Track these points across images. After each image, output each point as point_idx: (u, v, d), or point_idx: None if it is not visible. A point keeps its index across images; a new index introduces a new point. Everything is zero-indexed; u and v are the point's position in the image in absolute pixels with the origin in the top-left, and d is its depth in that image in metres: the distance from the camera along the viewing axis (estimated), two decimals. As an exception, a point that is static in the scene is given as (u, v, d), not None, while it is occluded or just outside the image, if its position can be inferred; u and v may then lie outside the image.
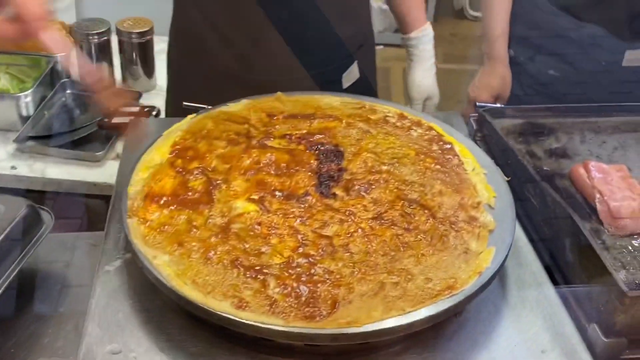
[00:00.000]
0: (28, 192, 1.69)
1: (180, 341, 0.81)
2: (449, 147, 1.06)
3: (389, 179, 0.98)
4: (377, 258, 0.84)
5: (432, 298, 0.78)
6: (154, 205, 0.90)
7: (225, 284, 0.79)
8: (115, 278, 0.90)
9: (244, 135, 1.06)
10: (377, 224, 0.89)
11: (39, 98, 1.80)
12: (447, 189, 0.96)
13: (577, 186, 1.08)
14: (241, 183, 0.95)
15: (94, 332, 0.81)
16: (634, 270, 0.93)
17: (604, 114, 1.26)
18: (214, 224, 0.88)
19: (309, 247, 0.85)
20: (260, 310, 0.76)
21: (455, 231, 0.89)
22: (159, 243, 0.85)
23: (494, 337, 0.85)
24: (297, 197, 0.93)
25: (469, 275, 0.82)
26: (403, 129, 1.11)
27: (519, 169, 1.06)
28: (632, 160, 1.15)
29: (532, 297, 0.90)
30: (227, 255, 0.83)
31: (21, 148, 1.72)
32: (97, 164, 1.71)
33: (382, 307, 0.77)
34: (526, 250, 0.98)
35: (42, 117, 1.79)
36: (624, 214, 0.98)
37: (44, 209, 1.19)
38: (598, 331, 0.84)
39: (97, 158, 1.72)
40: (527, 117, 1.25)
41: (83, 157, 1.72)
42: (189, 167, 0.98)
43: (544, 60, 1.60)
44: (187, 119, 1.10)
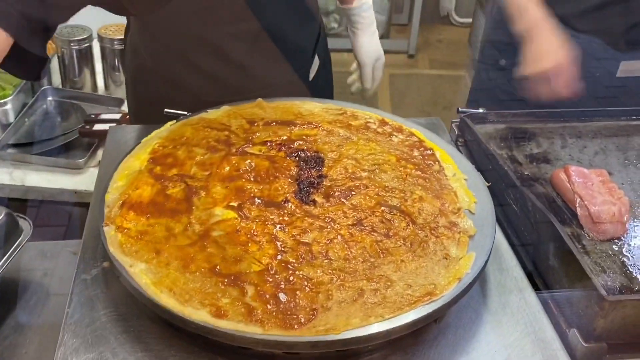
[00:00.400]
0: (9, 200, 1.68)
1: (158, 351, 0.80)
2: (430, 152, 1.06)
3: (369, 185, 0.98)
4: (356, 265, 0.84)
5: (411, 304, 0.78)
6: (131, 213, 0.90)
7: (203, 292, 0.79)
8: (92, 287, 0.89)
9: (224, 142, 1.05)
10: (357, 230, 0.89)
11: (19, 105, 1.80)
12: (427, 195, 0.96)
13: (558, 191, 1.08)
14: (220, 190, 0.94)
15: (70, 342, 0.81)
16: (614, 274, 0.93)
17: (585, 119, 1.27)
18: (193, 232, 0.88)
19: (287, 254, 0.85)
20: (238, 318, 0.76)
21: (435, 237, 0.89)
22: (136, 251, 0.84)
23: (475, 343, 0.84)
24: (277, 204, 0.93)
25: (448, 281, 0.82)
26: (384, 135, 1.11)
27: (500, 174, 1.07)
28: (612, 165, 1.16)
29: (513, 302, 0.90)
30: (205, 263, 0.83)
31: (1, 156, 1.70)
32: (79, 172, 1.70)
33: (361, 314, 0.77)
34: (507, 255, 0.98)
35: (22, 125, 1.78)
36: (604, 219, 0.98)
37: (23, 217, 1.18)
38: (578, 336, 0.84)
39: (78, 165, 1.70)
40: (509, 122, 1.25)
41: (64, 165, 1.71)
42: (168, 174, 0.97)
43: None
44: (167, 125, 1.10)
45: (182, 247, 0.85)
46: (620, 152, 1.21)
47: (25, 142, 1.74)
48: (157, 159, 1.01)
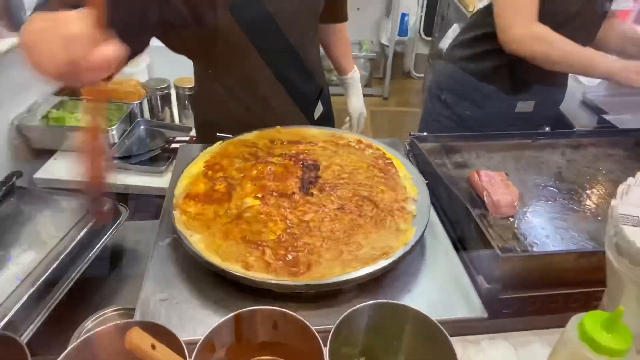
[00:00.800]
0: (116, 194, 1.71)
1: (207, 291, 0.83)
2: (390, 161, 1.07)
3: (349, 182, 0.99)
4: (338, 235, 0.86)
5: (374, 260, 0.80)
6: (191, 201, 0.91)
7: (237, 253, 0.81)
8: (166, 250, 0.91)
9: (253, 155, 1.06)
10: (340, 212, 0.91)
11: (121, 131, 1.83)
12: (386, 189, 0.98)
13: (472, 186, 1.09)
14: (250, 186, 0.96)
15: (150, 287, 0.83)
16: (508, 241, 0.95)
17: (491, 138, 1.28)
18: (231, 214, 0.89)
19: (293, 228, 0.86)
20: (260, 270, 0.78)
21: (391, 216, 0.90)
22: (194, 227, 0.86)
23: (416, 285, 0.86)
24: (287, 195, 0.94)
25: (398, 245, 0.83)
26: (360, 150, 1.13)
27: (435, 175, 1.08)
28: (509, 169, 1.17)
29: (441, 259, 0.92)
30: (238, 234, 0.84)
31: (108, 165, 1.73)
32: (160, 175, 1.72)
33: (341, 267, 0.79)
34: (438, 228, 1.00)
35: (123, 144, 1.81)
36: (502, 204, 1.00)
37: (122, 205, 1.21)
38: (483, 280, 0.85)
39: (160, 171, 1.73)
40: (442, 141, 1.26)
41: (151, 171, 1.74)
42: (216, 176, 0.99)
43: (464, 105, 1.59)
44: (217, 144, 1.11)
45: (224, 224, 0.87)
46: (515, 161, 1.22)
47: (125, 155, 1.77)
48: (209, 166, 1.02)
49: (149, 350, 0.50)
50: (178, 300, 0.81)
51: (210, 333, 0.63)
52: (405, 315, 0.68)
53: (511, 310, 0.87)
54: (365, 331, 0.70)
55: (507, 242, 0.94)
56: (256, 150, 1.09)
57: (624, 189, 0.62)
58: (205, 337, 0.62)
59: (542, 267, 0.85)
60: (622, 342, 0.54)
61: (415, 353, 0.71)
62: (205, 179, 0.98)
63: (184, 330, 0.76)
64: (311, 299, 0.81)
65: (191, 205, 0.90)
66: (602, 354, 0.54)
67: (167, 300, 0.80)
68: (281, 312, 0.66)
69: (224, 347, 0.67)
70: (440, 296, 0.83)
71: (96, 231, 1.10)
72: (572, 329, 0.57)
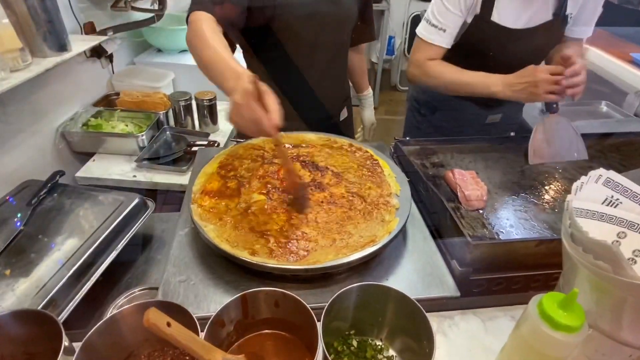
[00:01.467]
0: (146, 190, 1.69)
1: (220, 273, 0.81)
2: (376, 162, 1.06)
3: (341, 180, 0.97)
4: (332, 225, 0.84)
5: (362, 247, 0.79)
6: (206, 197, 0.90)
7: (245, 241, 0.79)
8: (185, 238, 0.90)
9: (260, 157, 1.05)
10: (333, 205, 0.89)
11: (150, 136, 1.80)
12: (373, 186, 0.96)
13: (447, 183, 1.07)
14: (257, 184, 0.94)
15: (171, 270, 0.81)
16: (477, 230, 0.93)
17: (464, 142, 1.26)
18: (240, 207, 0.88)
19: (294, 220, 0.85)
20: (264, 256, 0.76)
21: (377, 209, 0.89)
22: (208, 218, 0.84)
23: (399, 268, 0.85)
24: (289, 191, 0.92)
25: (383, 234, 0.82)
26: (351, 152, 1.11)
27: (415, 174, 1.06)
28: (478, 168, 1.15)
29: (420, 246, 0.90)
30: (247, 225, 0.83)
31: (139, 165, 1.71)
32: (183, 174, 1.70)
33: (334, 253, 0.77)
34: (418, 220, 0.98)
35: (152, 147, 1.79)
36: (473, 198, 0.98)
37: (150, 199, 1.19)
38: (456, 264, 0.84)
39: (183, 170, 1.71)
40: (422, 144, 1.24)
41: (175, 170, 1.72)
42: (228, 175, 0.97)
43: (441, 117, 1.53)
44: (229, 147, 1.09)
45: (234, 216, 0.85)
46: (484, 161, 1.19)
47: (153, 157, 1.75)
48: (222, 166, 1.00)
49: (164, 327, 0.48)
50: (195, 281, 0.79)
51: (220, 311, 0.61)
52: (388, 294, 0.66)
53: (480, 289, 0.86)
54: (353, 308, 0.69)
55: (477, 231, 0.92)
56: (263, 152, 1.07)
57: (577, 186, 0.60)
58: (216, 314, 0.60)
59: (507, 253, 0.83)
60: (577, 320, 0.52)
61: (397, 327, 0.69)
62: (219, 177, 0.97)
63: (199, 307, 0.74)
64: (308, 280, 0.80)
65: (206, 200, 0.89)
66: (558, 330, 0.53)
67: (185, 282, 0.79)
68: (281, 293, 0.64)
69: (232, 323, 0.65)
70: (419, 277, 0.82)
71: (127, 221, 1.08)
72: (532, 308, 0.56)
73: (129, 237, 1.07)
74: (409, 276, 0.82)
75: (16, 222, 1.05)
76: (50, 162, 1.67)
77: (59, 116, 1.74)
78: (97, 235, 1.02)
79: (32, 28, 1.38)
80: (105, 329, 0.58)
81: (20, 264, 0.94)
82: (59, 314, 0.87)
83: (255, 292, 0.64)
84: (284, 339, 0.69)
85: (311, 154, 1.07)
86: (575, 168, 1.18)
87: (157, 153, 1.76)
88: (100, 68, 2.01)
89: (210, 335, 0.59)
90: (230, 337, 0.66)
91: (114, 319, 0.59)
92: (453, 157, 1.21)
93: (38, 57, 1.42)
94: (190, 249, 0.86)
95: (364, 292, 0.67)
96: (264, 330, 0.69)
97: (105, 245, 1.02)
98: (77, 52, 1.52)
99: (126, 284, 1.08)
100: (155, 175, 1.68)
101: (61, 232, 1.04)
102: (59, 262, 0.95)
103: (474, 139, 1.26)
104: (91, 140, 1.75)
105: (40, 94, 1.58)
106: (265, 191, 0.92)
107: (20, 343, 0.62)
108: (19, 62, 1.32)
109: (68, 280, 0.91)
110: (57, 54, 1.46)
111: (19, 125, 1.51)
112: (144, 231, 1.23)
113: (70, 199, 1.15)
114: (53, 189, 1.18)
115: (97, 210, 1.11)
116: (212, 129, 2.04)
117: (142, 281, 1.09)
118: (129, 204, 1.11)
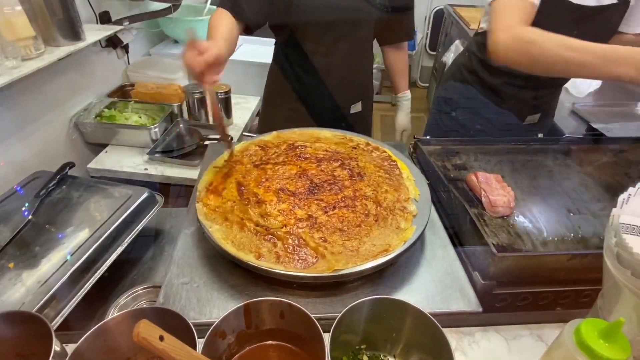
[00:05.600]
0: (159, 184, 1.67)
1: (225, 277, 0.77)
2: (394, 163, 1.00)
3: (356, 181, 0.91)
4: (343, 231, 0.79)
5: (374, 256, 0.73)
6: (211, 195, 0.86)
7: (251, 244, 0.75)
8: (190, 238, 0.86)
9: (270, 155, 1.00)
10: (345, 210, 0.84)
11: (163, 129, 1.78)
12: (390, 189, 0.90)
13: (470, 187, 1.01)
14: (265, 184, 0.89)
15: (174, 271, 0.78)
16: (502, 239, 0.86)
17: (489, 143, 1.18)
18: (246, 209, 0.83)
19: (302, 223, 0.80)
20: (271, 260, 0.72)
21: (392, 215, 0.83)
22: (214, 218, 0.80)
23: (415, 278, 0.79)
24: (297, 193, 0.87)
25: (398, 243, 0.76)
26: (367, 152, 1.05)
27: (435, 176, 1.00)
28: (505, 172, 1.08)
29: (439, 254, 0.84)
30: (253, 226, 0.78)
31: (151, 158, 1.68)
32: (195, 168, 1.67)
33: (344, 261, 0.72)
34: (438, 225, 0.92)
35: (164, 140, 1.76)
36: (498, 204, 0.91)
37: (158, 194, 1.16)
38: (479, 276, 0.78)
39: (195, 164, 1.68)
40: (443, 144, 1.18)
41: (187, 164, 1.69)
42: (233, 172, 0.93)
43: (477, 120, 1.38)
44: (240, 143, 1.05)
45: (240, 217, 0.81)
46: (510, 164, 1.12)
47: (166, 150, 1.72)
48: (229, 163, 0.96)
49: (156, 342, 0.44)
50: (198, 284, 0.75)
51: (220, 321, 0.57)
52: (404, 310, 0.61)
53: (503, 304, 0.79)
54: (365, 322, 0.63)
55: (502, 240, 0.85)
56: (274, 151, 1.02)
57: (624, 198, 0.53)
58: (215, 325, 0.56)
59: (536, 266, 0.76)
60: (620, 353, 0.46)
61: (412, 344, 0.64)
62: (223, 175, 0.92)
63: (201, 313, 0.70)
64: (317, 288, 0.75)
65: (211, 199, 0.84)
66: (598, 362, 0.46)
67: (188, 284, 0.75)
68: (287, 304, 0.59)
69: (234, 333, 0.61)
70: (438, 289, 0.76)
71: (135, 215, 1.06)
72: (568, 334, 0.49)
73: (135, 232, 1.04)
74: (426, 287, 0.76)
75: (24, 213, 1.04)
76: (63, 153, 1.66)
77: (73, 106, 1.73)
78: (104, 230, 0.99)
79: (45, 16, 1.36)
80: (97, 335, 0.54)
81: (24, 257, 0.92)
82: (59, 311, 0.84)
83: (259, 301, 0.59)
84: (289, 351, 0.64)
85: (325, 153, 1.02)
86: (610, 174, 1.09)
87: (170, 146, 1.73)
88: (116, 58, 1.99)
89: (210, 347, 0.55)
90: (231, 348, 0.61)
91: (107, 326, 0.55)
92: (477, 158, 1.13)
93: (51, 45, 1.40)
94: (195, 249, 0.83)
95: (377, 306, 0.61)
96: (268, 342, 0.64)
97: (112, 240, 1.00)
98: (91, 42, 1.50)
99: (131, 281, 1.06)
100: (167, 169, 1.65)
101: (67, 225, 1.02)
102: (63, 257, 0.93)
103: (500, 140, 1.18)
104: (104, 131, 1.73)
105: (54, 83, 1.57)
106: (274, 192, 0.87)
107: (12, 344, 0.59)
108: (32, 51, 1.30)
109: (71, 275, 0.89)
110: (71, 43, 1.44)
111: (32, 114, 1.50)
112: (154, 226, 1.20)
113: (78, 192, 1.12)
114: (62, 181, 1.16)
115: (105, 203, 1.08)
116: (226, 122, 2.00)
117: (148, 278, 1.06)
118: (137, 198, 1.08)
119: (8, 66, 1.23)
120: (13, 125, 1.42)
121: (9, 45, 1.24)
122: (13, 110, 1.41)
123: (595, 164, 1.14)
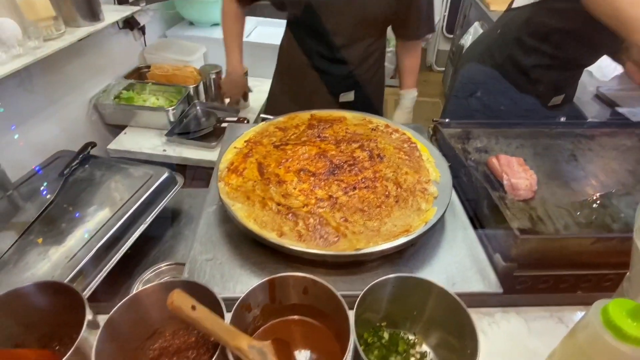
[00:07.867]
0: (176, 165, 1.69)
1: (247, 254, 0.79)
2: (414, 145, 0.99)
3: (376, 163, 0.91)
4: (364, 211, 0.79)
5: (395, 236, 0.74)
6: (233, 175, 0.87)
7: (273, 222, 0.76)
8: (212, 216, 0.87)
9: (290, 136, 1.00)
10: (365, 191, 0.84)
11: (180, 111, 1.79)
12: (410, 171, 0.90)
13: (491, 170, 0.99)
14: (286, 164, 0.90)
15: (198, 248, 0.79)
16: (524, 222, 0.86)
17: (510, 126, 1.16)
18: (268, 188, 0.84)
19: (323, 203, 0.80)
20: (293, 238, 0.73)
21: (413, 197, 0.83)
22: (236, 197, 0.81)
23: (435, 259, 0.80)
24: (318, 173, 0.88)
25: (419, 224, 0.76)
26: (387, 134, 1.05)
27: (456, 159, 0.99)
28: (527, 155, 1.06)
29: (460, 236, 0.85)
30: (275, 205, 0.79)
31: (169, 139, 1.71)
32: (212, 149, 1.69)
33: (365, 241, 0.73)
34: (458, 208, 0.92)
35: (182, 122, 1.78)
36: (520, 187, 0.90)
37: (179, 174, 1.17)
38: (500, 258, 0.78)
39: (212, 146, 1.70)
40: (463, 127, 1.16)
41: (204, 146, 1.71)
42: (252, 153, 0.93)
43: (500, 101, 1.36)
44: (259, 125, 1.05)
45: (262, 196, 0.82)
46: (532, 148, 1.10)
47: (183, 132, 1.74)
48: (249, 144, 0.97)
49: (189, 311, 0.45)
50: (221, 260, 0.77)
51: (246, 295, 0.58)
52: (428, 289, 0.61)
53: (523, 286, 0.79)
54: (387, 300, 0.64)
55: (523, 223, 0.85)
56: (293, 132, 1.02)
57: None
58: (242, 298, 0.57)
59: (559, 249, 0.76)
60: (649, 332, 0.46)
61: (434, 322, 0.65)
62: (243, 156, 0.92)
63: (225, 288, 0.72)
64: (338, 266, 0.76)
65: (233, 178, 0.85)
66: (626, 341, 0.46)
67: (212, 260, 0.77)
68: (311, 280, 0.60)
69: (259, 307, 0.62)
70: (458, 270, 0.76)
71: (156, 195, 1.07)
72: (595, 314, 0.49)
73: (157, 211, 1.06)
74: (446, 268, 0.77)
75: (48, 191, 1.06)
76: (83, 134, 1.69)
77: (92, 88, 1.75)
78: (126, 208, 1.01)
79: (65, -4, 1.37)
80: (129, 305, 0.56)
81: (52, 234, 0.95)
82: (87, 285, 0.87)
83: (284, 277, 0.61)
84: (312, 327, 0.65)
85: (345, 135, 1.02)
86: (636, 159, 1.07)
87: (187, 128, 1.75)
88: (133, 40, 2.00)
89: (237, 319, 0.57)
90: (256, 322, 0.63)
91: (139, 297, 0.57)
92: (498, 141, 1.12)
93: (71, 26, 1.41)
94: (217, 227, 0.84)
95: (400, 284, 0.62)
96: (291, 316, 0.66)
97: (134, 219, 1.01)
98: (109, 22, 1.51)
99: (153, 259, 1.08)
100: (184, 150, 1.68)
101: (91, 203, 1.04)
102: (88, 234, 0.95)
103: (522, 123, 1.16)
104: (123, 112, 1.76)
105: (74, 64, 1.59)
106: (295, 172, 0.87)
107: (44, 314, 0.61)
108: (53, 31, 1.31)
109: (97, 252, 0.91)
110: (90, 24, 1.45)
111: (53, 96, 1.52)
112: (173, 206, 1.22)
113: (100, 171, 1.14)
114: (85, 161, 1.18)
115: (127, 183, 1.10)
116: (242, 105, 2.00)
117: (169, 256, 1.08)
118: (158, 178, 1.09)
119: (30, 46, 1.24)
120: (34, 106, 1.45)
121: (31, 25, 1.25)
122: (35, 91, 1.43)
123: (620, 148, 1.11)
